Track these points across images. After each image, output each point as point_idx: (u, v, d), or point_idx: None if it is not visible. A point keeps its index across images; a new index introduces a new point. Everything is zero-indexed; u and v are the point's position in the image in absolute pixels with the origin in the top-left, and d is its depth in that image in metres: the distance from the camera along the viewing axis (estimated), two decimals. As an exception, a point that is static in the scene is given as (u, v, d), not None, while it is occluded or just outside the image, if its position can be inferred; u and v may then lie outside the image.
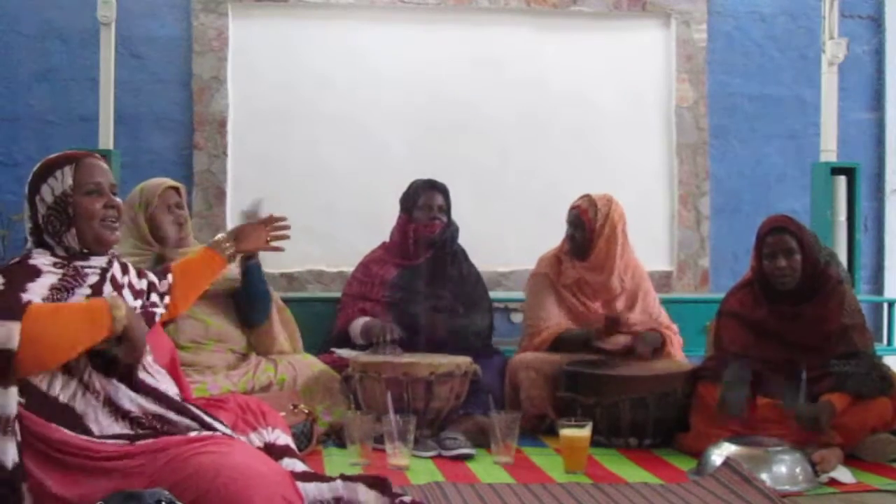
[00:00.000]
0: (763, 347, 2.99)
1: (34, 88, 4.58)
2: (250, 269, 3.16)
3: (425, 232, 3.57)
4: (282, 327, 3.33)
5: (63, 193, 1.96)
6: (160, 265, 2.85)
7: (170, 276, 2.34)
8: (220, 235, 2.54)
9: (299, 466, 2.09)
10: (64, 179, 1.97)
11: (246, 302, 3.21)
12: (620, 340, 3.38)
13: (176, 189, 3.21)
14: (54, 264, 1.93)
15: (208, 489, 1.65)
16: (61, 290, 1.87)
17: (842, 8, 4.55)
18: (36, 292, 1.82)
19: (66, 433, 1.76)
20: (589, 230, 3.47)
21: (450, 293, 3.56)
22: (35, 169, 2.01)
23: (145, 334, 1.93)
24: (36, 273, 1.88)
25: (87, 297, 1.92)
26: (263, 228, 2.76)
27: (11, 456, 1.67)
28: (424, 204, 3.58)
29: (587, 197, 3.54)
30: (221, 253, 2.49)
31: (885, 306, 4.58)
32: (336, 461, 2.79)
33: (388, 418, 2.75)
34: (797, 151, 5.03)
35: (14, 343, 1.69)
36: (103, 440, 1.79)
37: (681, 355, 3.52)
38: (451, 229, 3.64)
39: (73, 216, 1.96)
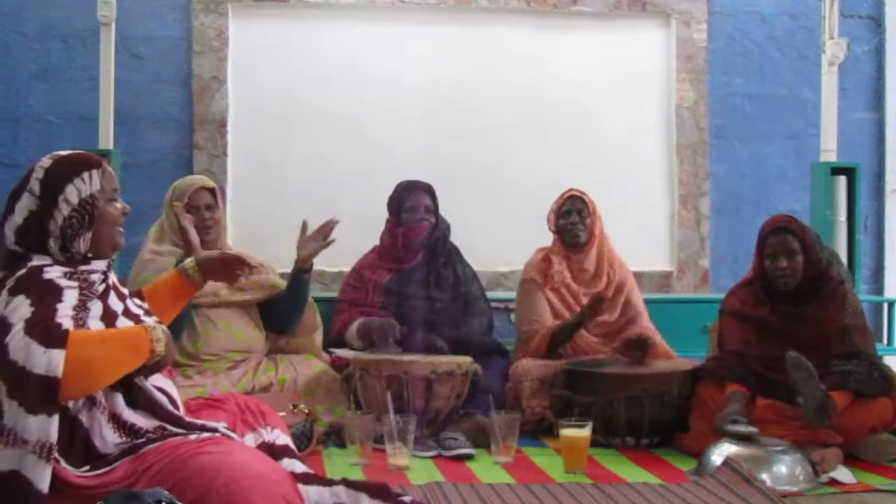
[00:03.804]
0: (764, 346, 2.99)
1: (34, 88, 4.58)
2: (304, 280, 3.21)
3: (413, 234, 3.56)
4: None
5: (90, 196, 1.93)
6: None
7: (145, 303, 2.25)
8: (188, 260, 2.37)
9: (298, 466, 2.09)
10: (92, 183, 1.93)
11: (287, 310, 3.25)
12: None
13: (210, 190, 3.20)
14: (65, 275, 1.88)
15: (209, 489, 1.65)
16: (81, 309, 1.84)
17: (842, 8, 4.55)
18: (66, 314, 1.79)
19: (70, 473, 1.74)
20: (590, 213, 3.58)
21: (446, 295, 3.55)
22: (50, 166, 1.93)
23: (174, 354, 1.95)
24: (58, 291, 1.83)
25: (102, 314, 1.90)
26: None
27: (46, 483, 1.66)
28: (411, 206, 3.57)
29: (570, 189, 3.62)
30: (190, 278, 2.32)
31: (885, 306, 4.58)
32: (336, 461, 2.80)
33: (388, 418, 2.75)
34: (797, 151, 5.02)
35: (59, 371, 1.66)
36: (110, 469, 1.77)
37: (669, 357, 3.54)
38: (441, 229, 3.62)
39: (94, 221, 1.94)
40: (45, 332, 1.70)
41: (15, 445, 1.65)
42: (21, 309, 1.75)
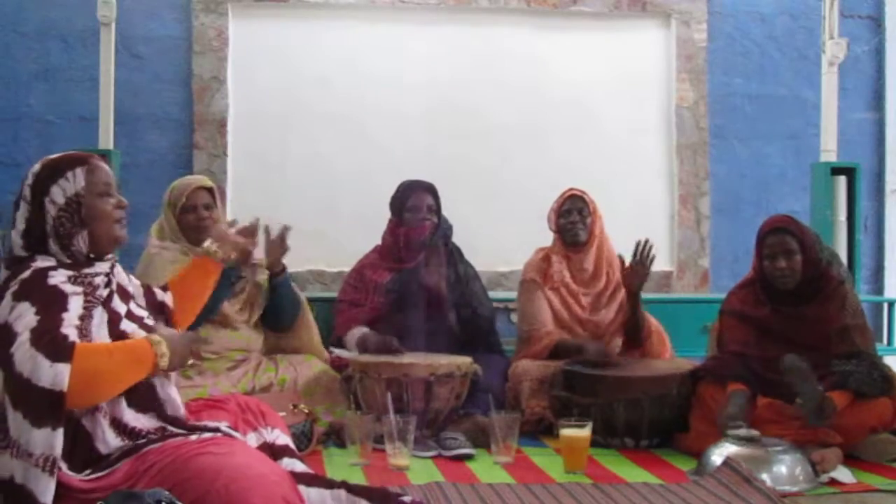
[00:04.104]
0: (764, 347, 2.99)
1: (34, 88, 4.58)
2: (279, 284, 3.24)
3: (415, 234, 3.56)
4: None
5: (76, 195, 1.92)
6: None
7: (168, 294, 2.28)
8: (207, 242, 2.45)
9: (298, 466, 2.09)
10: (76, 181, 1.92)
11: (276, 312, 3.27)
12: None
13: (208, 189, 3.21)
14: (69, 279, 1.87)
15: (209, 490, 1.66)
16: (86, 317, 1.84)
17: (842, 8, 4.55)
18: (72, 323, 1.78)
19: (72, 478, 1.74)
20: (591, 212, 3.57)
21: (447, 294, 3.55)
22: (38, 170, 1.94)
23: (184, 359, 1.95)
24: (63, 298, 1.81)
25: (109, 320, 1.90)
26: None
27: (50, 496, 1.66)
28: (413, 205, 3.57)
29: (570, 189, 3.62)
30: (214, 258, 2.40)
31: (885, 306, 4.58)
32: (336, 461, 2.80)
33: (387, 418, 2.75)
34: (797, 151, 5.02)
35: (64, 385, 1.66)
36: (111, 471, 1.78)
37: (668, 353, 3.54)
38: (443, 228, 3.62)
39: (85, 218, 1.93)
40: (52, 343, 1.70)
41: (20, 457, 1.66)
42: (26, 317, 1.74)
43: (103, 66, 4.14)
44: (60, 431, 1.67)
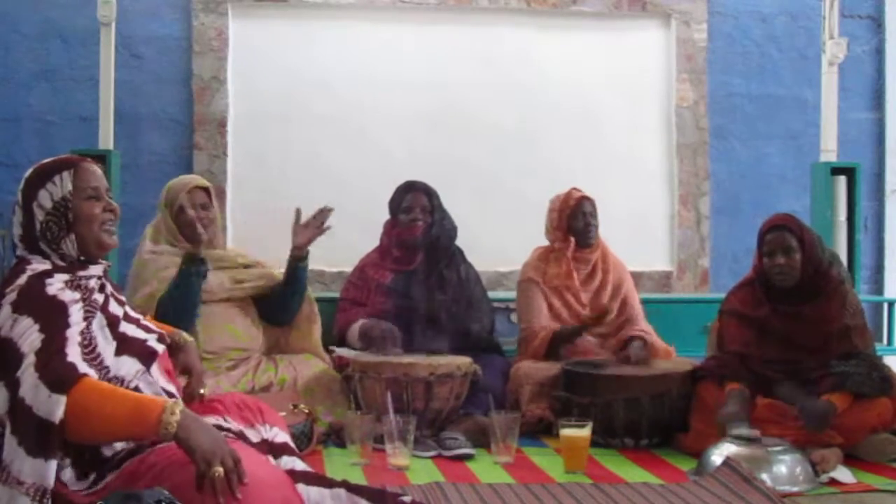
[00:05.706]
0: (764, 346, 3.00)
1: (34, 88, 4.58)
2: (299, 269, 3.26)
3: (407, 235, 3.57)
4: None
5: (63, 198, 1.91)
6: (194, 263, 2.95)
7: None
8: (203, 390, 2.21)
9: (298, 464, 2.09)
10: (63, 185, 1.92)
11: (285, 300, 3.28)
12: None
13: (205, 189, 3.21)
14: (66, 284, 1.86)
15: (208, 491, 1.65)
16: (88, 326, 1.84)
17: (842, 8, 4.55)
18: (75, 345, 1.77)
19: (76, 494, 1.74)
20: (596, 215, 3.63)
21: (448, 295, 3.55)
22: (29, 175, 1.95)
23: (206, 436, 1.69)
24: (63, 309, 1.80)
25: (108, 324, 1.89)
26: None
27: None
28: (407, 206, 3.58)
29: (576, 189, 3.67)
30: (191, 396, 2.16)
31: (885, 306, 4.58)
32: (336, 461, 2.80)
33: (388, 418, 2.75)
34: (797, 151, 5.02)
35: (56, 417, 1.64)
36: (114, 476, 1.78)
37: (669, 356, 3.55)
38: (447, 230, 3.62)
39: (72, 221, 1.92)
40: (55, 372, 1.69)
41: (8, 483, 1.65)
42: (30, 336, 1.74)
43: (103, 66, 4.14)
44: (54, 463, 1.65)
